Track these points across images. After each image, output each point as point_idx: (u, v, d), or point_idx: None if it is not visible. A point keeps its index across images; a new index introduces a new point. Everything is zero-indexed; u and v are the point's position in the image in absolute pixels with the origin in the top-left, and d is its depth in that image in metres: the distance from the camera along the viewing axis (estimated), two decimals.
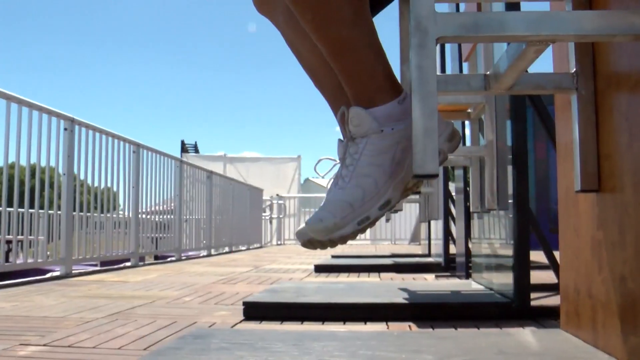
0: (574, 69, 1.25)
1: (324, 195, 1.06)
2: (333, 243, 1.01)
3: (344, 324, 1.97)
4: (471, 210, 2.68)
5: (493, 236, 2.48)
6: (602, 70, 1.24)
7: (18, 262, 3.95)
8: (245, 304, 2.14)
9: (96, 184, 4.90)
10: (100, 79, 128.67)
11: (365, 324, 1.96)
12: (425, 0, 0.92)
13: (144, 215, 5.89)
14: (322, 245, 1.02)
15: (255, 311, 2.10)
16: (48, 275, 4.13)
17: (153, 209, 6.21)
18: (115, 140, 5.17)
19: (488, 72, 1.24)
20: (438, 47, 0.96)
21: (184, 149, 19.27)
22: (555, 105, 1.60)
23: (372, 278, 3.68)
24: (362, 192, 0.99)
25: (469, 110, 2.54)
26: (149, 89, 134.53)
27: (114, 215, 5.41)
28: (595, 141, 1.25)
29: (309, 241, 1.02)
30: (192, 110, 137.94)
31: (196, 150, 20.04)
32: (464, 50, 2.88)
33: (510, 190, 2.07)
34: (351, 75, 1.03)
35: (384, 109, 1.01)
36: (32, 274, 4.05)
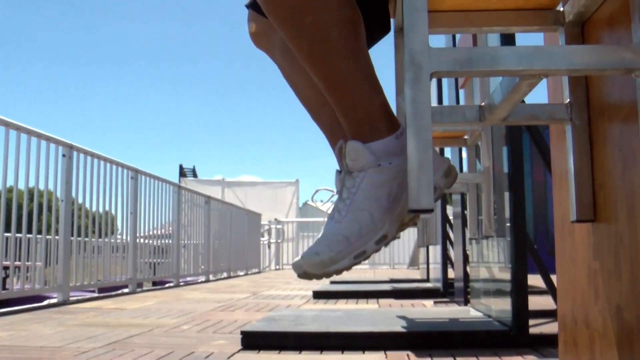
0: (568, 100, 1.27)
1: (323, 219, 1.06)
2: (328, 275, 1.01)
3: (342, 353, 1.96)
4: (469, 237, 2.69)
5: (491, 260, 2.47)
6: (595, 101, 1.25)
7: (15, 288, 3.92)
8: (243, 333, 2.13)
9: (94, 209, 4.91)
10: (98, 104, 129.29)
11: (364, 353, 1.95)
12: (420, 35, 0.93)
13: (141, 240, 5.87)
14: (318, 277, 1.02)
15: (253, 340, 2.09)
16: (45, 302, 4.11)
17: (151, 233, 6.20)
18: (114, 166, 5.19)
19: (483, 103, 1.25)
20: None
21: (182, 173, 19.24)
22: (550, 135, 1.61)
23: (371, 305, 3.66)
24: (358, 226, 0.99)
25: (466, 137, 2.56)
26: (147, 113, 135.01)
27: (112, 240, 5.40)
28: (590, 171, 1.26)
29: (305, 273, 1.02)
30: (190, 134, 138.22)
31: (194, 175, 20.02)
32: (460, 78, 2.91)
33: (507, 216, 2.07)
34: (348, 109, 1.03)
35: (381, 143, 1.01)
36: (29, 301, 4.03)
